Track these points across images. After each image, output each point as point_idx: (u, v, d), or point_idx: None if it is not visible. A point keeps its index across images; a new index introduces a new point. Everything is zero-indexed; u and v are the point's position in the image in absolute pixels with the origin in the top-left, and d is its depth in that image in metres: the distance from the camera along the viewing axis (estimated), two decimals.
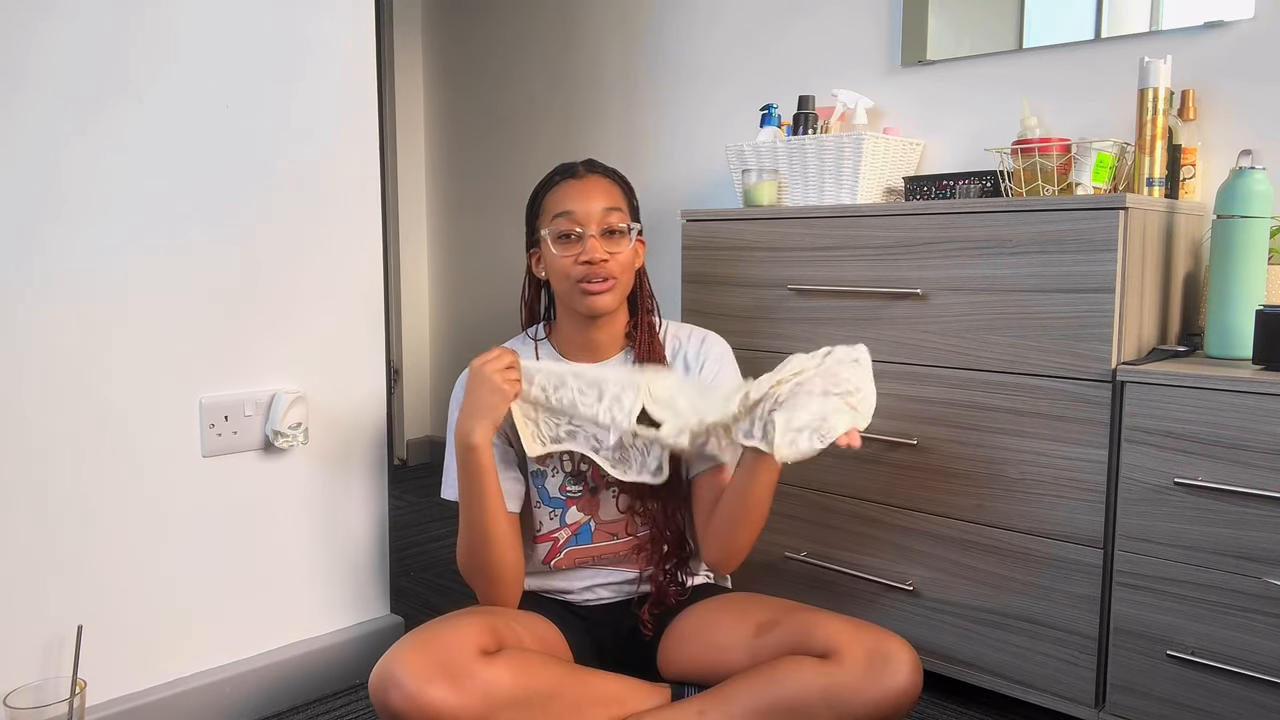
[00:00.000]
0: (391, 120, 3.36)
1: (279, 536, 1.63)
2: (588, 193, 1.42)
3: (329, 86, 1.63)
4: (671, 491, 1.43)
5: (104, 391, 1.41)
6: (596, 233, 1.40)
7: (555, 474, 1.45)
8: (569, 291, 1.41)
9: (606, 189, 1.44)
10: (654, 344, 1.47)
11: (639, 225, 1.46)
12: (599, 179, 1.45)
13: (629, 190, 1.49)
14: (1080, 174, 1.61)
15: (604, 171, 1.47)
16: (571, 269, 1.40)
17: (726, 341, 1.54)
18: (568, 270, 1.40)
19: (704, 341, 1.51)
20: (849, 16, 2.21)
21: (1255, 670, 1.32)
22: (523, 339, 1.53)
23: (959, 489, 1.59)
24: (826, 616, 1.31)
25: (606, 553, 1.47)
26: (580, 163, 1.47)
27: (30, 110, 1.32)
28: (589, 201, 1.41)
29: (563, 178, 1.45)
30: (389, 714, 1.17)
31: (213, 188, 1.51)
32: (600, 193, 1.42)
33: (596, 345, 1.47)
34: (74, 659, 1.32)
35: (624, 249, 1.42)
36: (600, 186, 1.43)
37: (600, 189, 1.43)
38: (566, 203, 1.41)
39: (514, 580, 1.40)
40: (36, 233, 1.33)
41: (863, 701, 1.21)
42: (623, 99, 2.74)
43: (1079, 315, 1.44)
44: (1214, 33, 1.71)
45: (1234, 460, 1.32)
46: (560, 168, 1.47)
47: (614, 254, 1.40)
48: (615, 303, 1.43)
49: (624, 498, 1.45)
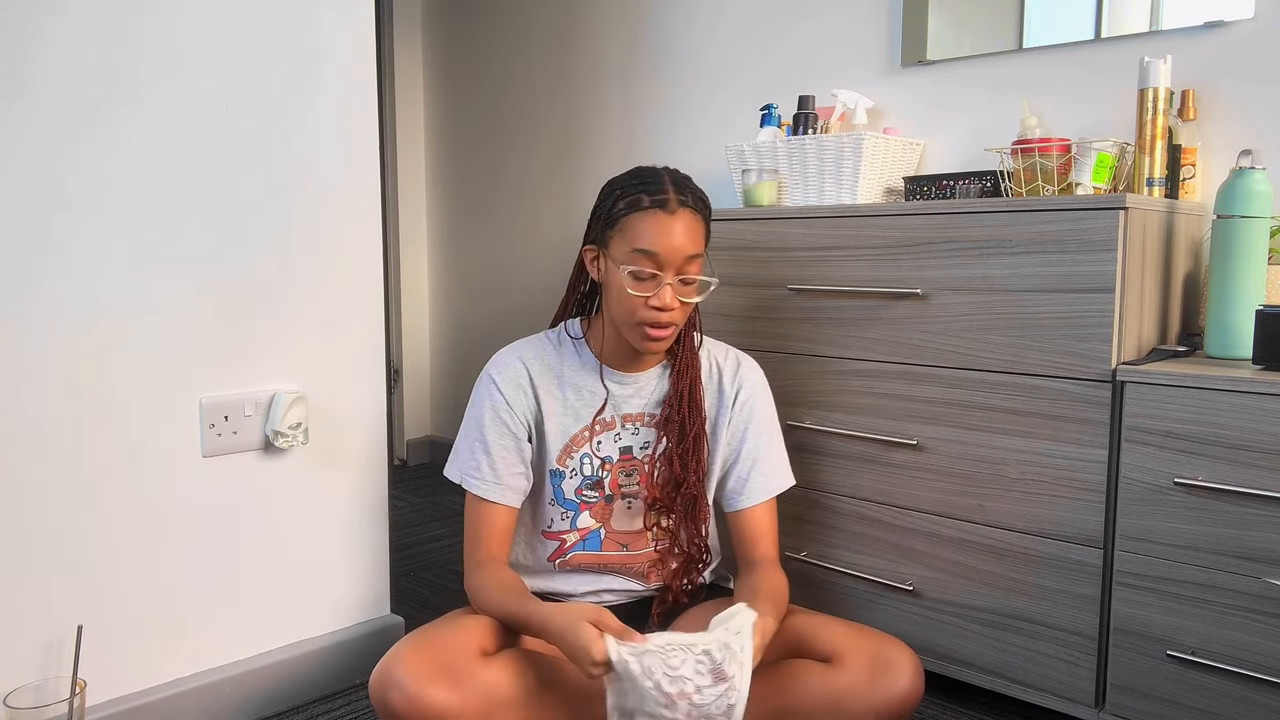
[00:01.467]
0: (391, 120, 3.36)
1: (279, 536, 1.63)
2: (675, 233, 1.31)
3: (329, 87, 1.63)
4: (689, 510, 1.43)
5: (104, 391, 1.41)
6: (674, 280, 1.32)
7: (574, 476, 1.43)
8: (629, 326, 1.35)
9: (693, 230, 1.33)
10: (694, 362, 1.44)
11: (715, 281, 1.39)
12: (689, 216, 1.33)
13: (709, 221, 1.39)
14: (1080, 174, 1.61)
15: (694, 205, 1.35)
16: (639, 311, 1.33)
17: (741, 349, 1.54)
18: (634, 309, 1.33)
19: (739, 367, 1.49)
20: (849, 17, 2.21)
21: (1255, 670, 1.32)
22: (557, 339, 1.46)
23: (959, 489, 1.59)
24: (828, 621, 1.31)
25: (613, 562, 1.46)
26: (671, 183, 1.34)
27: (34, 113, 1.32)
28: (674, 244, 1.31)
29: (653, 204, 1.32)
30: (389, 715, 1.17)
31: (213, 188, 1.51)
32: (688, 236, 1.32)
33: (639, 360, 1.43)
34: (74, 659, 1.32)
35: (694, 298, 1.36)
36: (688, 227, 1.33)
37: (688, 231, 1.32)
38: (652, 240, 1.31)
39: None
40: (37, 234, 1.33)
41: (865, 707, 1.21)
42: (623, 99, 2.74)
43: (1079, 315, 1.44)
44: (1214, 33, 1.71)
45: (1234, 460, 1.32)
46: (650, 181, 1.35)
47: (686, 304, 1.35)
48: (668, 346, 1.39)
49: (640, 511, 1.44)
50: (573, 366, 1.43)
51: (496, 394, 1.41)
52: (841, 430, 1.72)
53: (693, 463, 1.41)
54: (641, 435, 1.44)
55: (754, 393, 1.48)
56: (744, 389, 1.47)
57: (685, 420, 1.41)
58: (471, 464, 1.40)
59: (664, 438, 1.42)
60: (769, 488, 1.46)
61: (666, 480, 1.42)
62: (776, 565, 1.42)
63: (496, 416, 1.40)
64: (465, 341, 3.40)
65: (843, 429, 1.72)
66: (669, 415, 1.42)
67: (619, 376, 1.43)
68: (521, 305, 3.14)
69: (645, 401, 1.44)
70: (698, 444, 1.42)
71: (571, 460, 1.43)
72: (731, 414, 1.47)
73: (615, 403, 1.43)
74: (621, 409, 1.43)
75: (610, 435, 1.43)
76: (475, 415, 1.42)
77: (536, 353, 1.44)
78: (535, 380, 1.42)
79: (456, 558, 2.41)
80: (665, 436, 1.42)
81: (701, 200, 1.37)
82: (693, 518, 1.43)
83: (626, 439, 1.43)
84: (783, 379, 1.79)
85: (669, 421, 1.42)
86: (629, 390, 1.43)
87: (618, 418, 1.43)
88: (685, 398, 1.42)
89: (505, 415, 1.40)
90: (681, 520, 1.43)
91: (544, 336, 1.48)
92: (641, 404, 1.44)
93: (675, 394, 1.42)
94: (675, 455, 1.41)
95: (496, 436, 1.40)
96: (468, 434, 1.42)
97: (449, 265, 3.44)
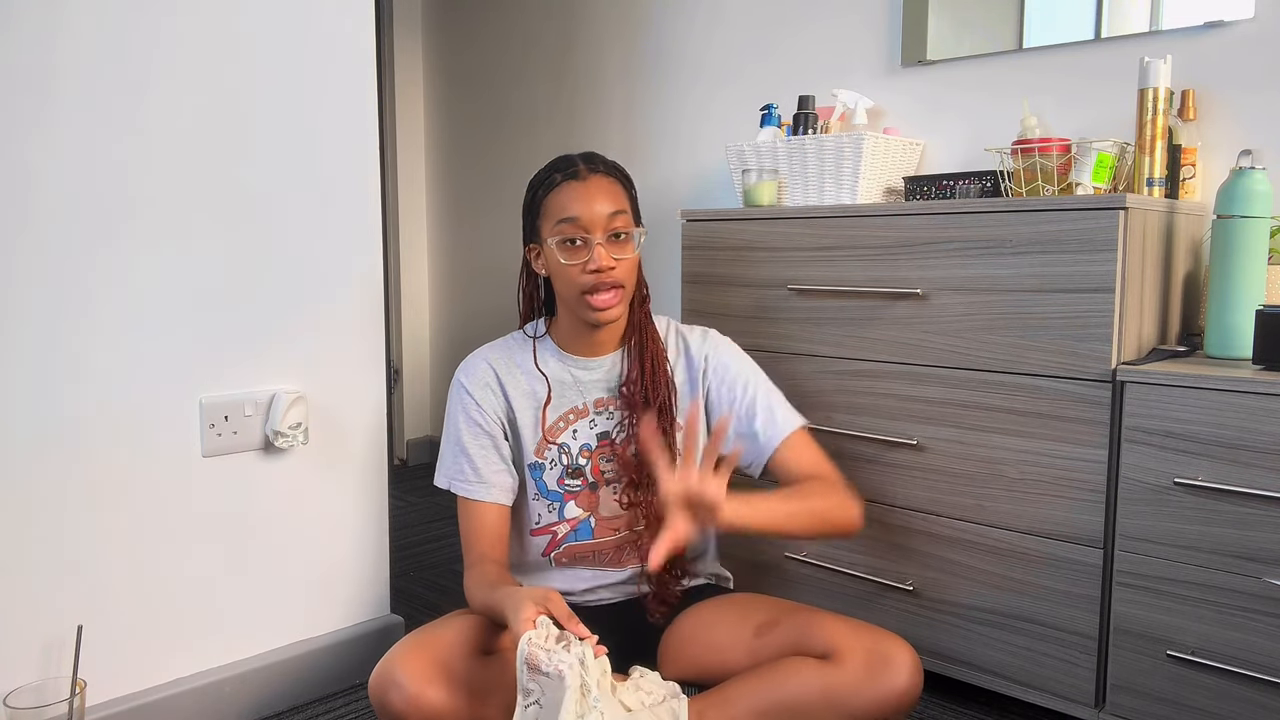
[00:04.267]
0: (391, 120, 3.36)
1: (279, 536, 1.63)
2: (592, 196, 1.37)
3: (329, 87, 1.63)
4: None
5: (104, 391, 1.41)
6: (603, 239, 1.36)
7: (554, 467, 1.45)
8: (575, 300, 1.39)
9: (610, 190, 1.39)
10: (653, 336, 1.46)
11: (643, 229, 1.44)
12: (602, 179, 1.39)
13: (630, 186, 1.45)
14: (1080, 174, 1.61)
15: (605, 169, 1.41)
16: (578, 278, 1.36)
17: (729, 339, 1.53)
18: (574, 279, 1.37)
19: (706, 336, 1.51)
20: (849, 17, 2.20)
21: (1255, 670, 1.32)
22: (521, 338, 1.51)
23: (959, 489, 1.59)
24: (827, 617, 1.31)
25: (607, 548, 1.46)
26: (579, 159, 1.41)
27: (31, 108, 1.32)
28: (593, 206, 1.36)
29: (564, 177, 1.39)
30: (388, 715, 1.17)
31: (213, 187, 1.51)
32: (605, 195, 1.38)
33: (598, 343, 1.46)
34: (74, 659, 1.32)
35: (630, 254, 1.39)
36: (604, 188, 1.38)
37: (604, 191, 1.38)
38: (570, 207, 1.36)
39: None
40: (36, 232, 1.33)
41: (863, 702, 1.21)
42: (624, 99, 2.74)
43: (1079, 315, 1.44)
44: (1214, 33, 1.71)
45: (1234, 460, 1.32)
46: (559, 162, 1.42)
47: (621, 260, 1.38)
48: (622, 310, 1.41)
49: (625, 494, 1.45)
50: (538, 359, 1.46)
51: (466, 396, 1.44)
52: (841, 430, 1.72)
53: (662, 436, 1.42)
54: (615, 418, 1.45)
55: (723, 352, 1.49)
56: (712, 354, 1.49)
57: (649, 394, 1.43)
58: (455, 468, 1.43)
59: (634, 414, 1.43)
60: (780, 428, 1.44)
61: (638, 455, 1.42)
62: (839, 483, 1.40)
63: (470, 418, 1.44)
64: (465, 341, 3.40)
65: (843, 429, 1.72)
66: (634, 392, 1.44)
67: (582, 362, 1.46)
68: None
69: (612, 384, 1.45)
70: (663, 416, 1.43)
71: (550, 451, 1.44)
72: (708, 380, 1.48)
73: (584, 389, 1.45)
74: (591, 395, 1.45)
75: (585, 422, 1.45)
76: (451, 421, 1.46)
77: (501, 352, 1.48)
78: (502, 378, 1.45)
79: (456, 558, 2.41)
80: (634, 414, 1.43)
81: (614, 166, 1.43)
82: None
83: (602, 424, 1.45)
84: (783, 379, 1.78)
85: (635, 398, 1.43)
86: (595, 375, 1.45)
87: (589, 404, 1.45)
88: (648, 371, 1.44)
89: (477, 415, 1.43)
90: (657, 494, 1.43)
91: (509, 337, 1.51)
92: (608, 387, 1.45)
93: (638, 371, 1.44)
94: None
95: (473, 438, 1.43)
96: (448, 440, 1.46)
97: (449, 265, 3.44)
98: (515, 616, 1.13)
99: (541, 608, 1.14)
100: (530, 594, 1.17)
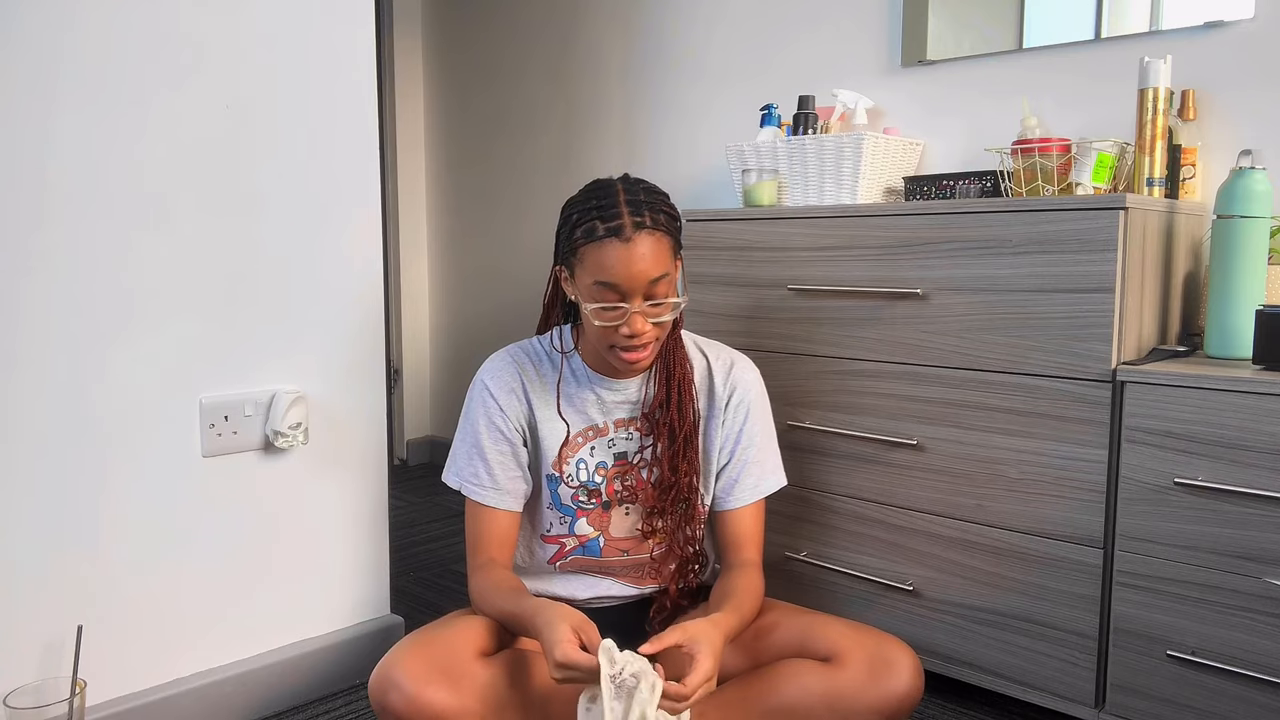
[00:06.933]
0: (391, 120, 3.36)
1: (279, 536, 1.63)
2: (634, 261, 1.25)
3: (329, 87, 1.63)
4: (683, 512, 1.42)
5: (104, 391, 1.41)
6: (641, 306, 1.27)
7: (571, 482, 1.42)
8: (605, 351, 1.33)
9: (656, 252, 1.26)
10: (682, 361, 1.42)
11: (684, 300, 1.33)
12: (647, 239, 1.25)
13: (676, 235, 1.32)
14: (1080, 174, 1.61)
15: (652, 224, 1.27)
16: (612, 338, 1.30)
17: (737, 349, 1.53)
18: (606, 337, 1.30)
19: (733, 367, 1.47)
20: (849, 17, 2.20)
21: (1255, 670, 1.32)
22: (549, 344, 1.44)
23: (959, 489, 1.59)
24: (828, 620, 1.31)
25: (614, 565, 1.46)
26: (627, 209, 1.26)
27: (32, 108, 1.32)
28: (635, 273, 1.25)
29: (608, 232, 1.25)
30: (388, 716, 1.17)
31: (213, 187, 1.51)
32: (650, 260, 1.26)
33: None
34: (74, 659, 1.32)
35: (667, 317, 1.31)
36: (649, 250, 1.26)
37: (650, 255, 1.26)
38: (610, 271, 1.25)
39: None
40: (37, 232, 1.33)
41: (864, 706, 1.21)
42: (623, 99, 2.74)
43: (1079, 315, 1.44)
44: (1214, 33, 1.71)
45: (1234, 460, 1.32)
46: (605, 205, 1.27)
47: (658, 324, 1.31)
48: (651, 361, 1.36)
49: (638, 516, 1.44)
50: (564, 374, 1.42)
51: (490, 399, 1.40)
52: (841, 430, 1.72)
53: (684, 464, 1.40)
54: (635, 440, 1.43)
55: (748, 393, 1.46)
56: (738, 390, 1.45)
57: (674, 422, 1.40)
58: (469, 471, 1.40)
59: (656, 441, 1.42)
60: (758, 489, 1.45)
61: (659, 483, 1.42)
62: (758, 569, 1.41)
63: (491, 422, 1.39)
64: (465, 341, 3.40)
65: (843, 429, 1.72)
66: (659, 418, 1.41)
67: (608, 383, 1.42)
68: (521, 305, 3.14)
69: (636, 406, 1.43)
70: (688, 445, 1.41)
71: (567, 466, 1.42)
72: (725, 415, 1.45)
73: (606, 409, 1.42)
74: (613, 415, 1.42)
75: (604, 441, 1.42)
76: (470, 421, 1.41)
77: (529, 358, 1.44)
78: (528, 385, 1.41)
79: (456, 558, 2.41)
80: (656, 440, 1.42)
81: (662, 213, 1.29)
82: (687, 519, 1.43)
83: (621, 445, 1.43)
84: (783, 379, 1.79)
85: (659, 424, 1.41)
86: (619, 396, 1.42)
87: (610, 424, 1.42)
88: (674, 400, 1.41)
89: (499, 420, 1.39)
90: (677, 522, 1.43)
91: (536, 342, 1.46)
92: (632, 409, 1.43)
93: (664, 397, 1.41)
94: (666, 458, 1.41)
95: (492, 442, 1.39)
96: (464, 440, 1.42)
97: (449, 265, 3.44)
98: (550, 635, 1.14)
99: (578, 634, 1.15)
100: (564, 615, 1.17)
